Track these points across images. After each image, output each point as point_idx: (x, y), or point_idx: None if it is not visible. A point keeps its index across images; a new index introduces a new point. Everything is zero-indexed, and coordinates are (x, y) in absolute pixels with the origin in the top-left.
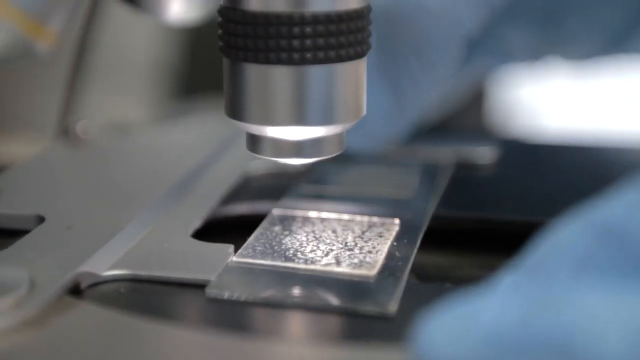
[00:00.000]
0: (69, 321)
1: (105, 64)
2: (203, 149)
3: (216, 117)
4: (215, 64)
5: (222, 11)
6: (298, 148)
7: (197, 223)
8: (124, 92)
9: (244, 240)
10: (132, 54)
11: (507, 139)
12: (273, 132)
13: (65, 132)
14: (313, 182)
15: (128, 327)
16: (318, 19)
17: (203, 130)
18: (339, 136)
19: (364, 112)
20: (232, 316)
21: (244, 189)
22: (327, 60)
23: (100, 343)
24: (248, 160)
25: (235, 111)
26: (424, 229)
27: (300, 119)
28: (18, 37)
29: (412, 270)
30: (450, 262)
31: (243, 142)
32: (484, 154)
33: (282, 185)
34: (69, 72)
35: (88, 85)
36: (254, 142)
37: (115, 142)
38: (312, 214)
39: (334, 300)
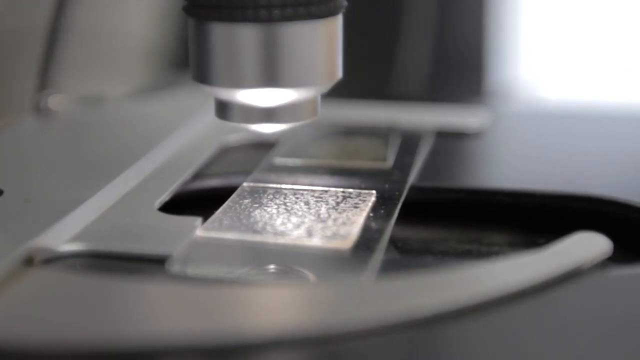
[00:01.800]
0: (20, 289)
1: (91, 42)
2: (179, 121)
3: (196, 89)
4: None
5: None
6: (269, 113)
7: (166, 196)
8: (113, 70)
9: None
10: (122, 32)
11: (494, 108)
12: (242, 96)
13: (36, 106)
14: (287, 154)
15: (84, 287)
16: None
17: (180, 102)
18: (313, 100)
19: (340, 74)
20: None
21: (220, 161)
22: (297, 17)
23: (59, 305)
24: (225, 133)
25: (202, 75)
26: (402, 199)
27: (270, 81)
28: None
29: (395, 244)
30: (434, 236)
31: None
32: (469, 123)
33: (259, 158)
34: (43, 52)
35: (70, 65)
36: (223, 109)
37: (88, 116)
38: (285, 186)
39: (305, 275)
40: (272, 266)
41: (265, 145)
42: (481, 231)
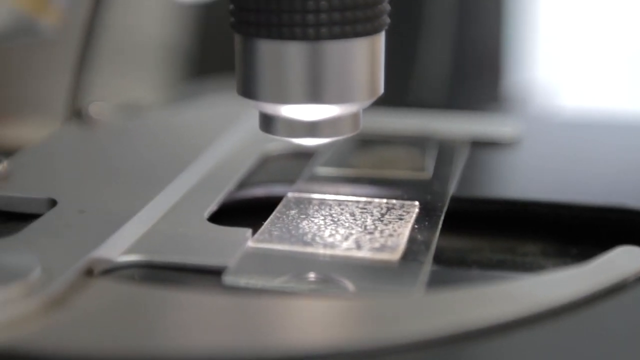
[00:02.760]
0: (85, 301)
1: (114, 45)
2: (218, 130)
3: (230, 97)
4: (227, 45)
5: None
6: (313, 127)
7: (213, 206)
8: (134, 73)
9: (262, 223)
10: (143, 35)
11: (526, 117)
12: (287, 111)
13: (77, 114)
14: (328, 163)
15: (147, 299)
16: None
17: (217, 111)
18: (355, 115)
19: (382, 90)
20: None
21: (262, 170)
22: (343, 36)
23: (120, 316)
24: (265, 142)
25: (248, 90)
26: (445, 210)
27: (315, 97)
28: (21, 14)
29: (468, 255)
30: (469, 246)
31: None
32: (503, 133)
33: (300, 167)
34: (78, 55)
35: (97, 67)
36: (267, 122)
37: (128, 124)
38: (329, 196)
39: (357, 286)
40: (312, 275)
41: (305, 154)
42: (514, 241)
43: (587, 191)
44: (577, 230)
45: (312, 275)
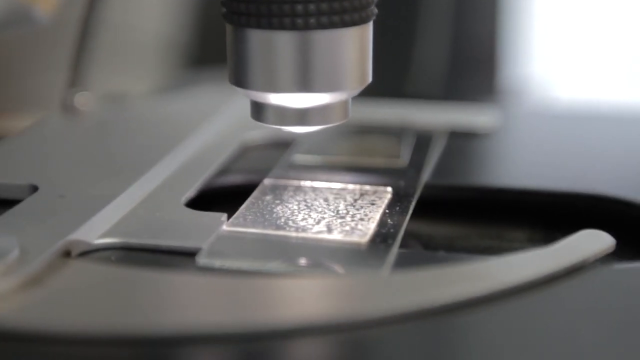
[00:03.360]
0: (61, 280)
1: (112, 39)
2: (201, 119)
3: (217, 88)
4: (224, 38)
5: None
6: (302, 115)
7: (191, 193)
8: (131, 67)
9: (238, 209)
10: (140, 29)
11: (504, 108)
12: (277, 99)
13: (62, 103)
14: (305, 152)
15: (120, 279)
16: None
17: (201, 101)
18: (344, 103)
19: (370, 79)
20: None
21: (241, 159)
22: (331, 26)
23: (95, 295)
24: (245, 131)
25: (239, 79)
26: (417, 196)
27: (304, 86)
28: (14, 3)
29: (420, 241)
30: (458, 233)
31: (241, 113)
32: (481, 123)
33: (279, 156)
34: (74, 49)
35: (94, 62)
36: (258, 110)
37: (113, 114)
38: (304, 183)
39: (326, 267)
40: (302, 260)
41: (284, 143)
42: (501, 228)
43: (560, 178)
44: (558, 217)
45: (283, 257)
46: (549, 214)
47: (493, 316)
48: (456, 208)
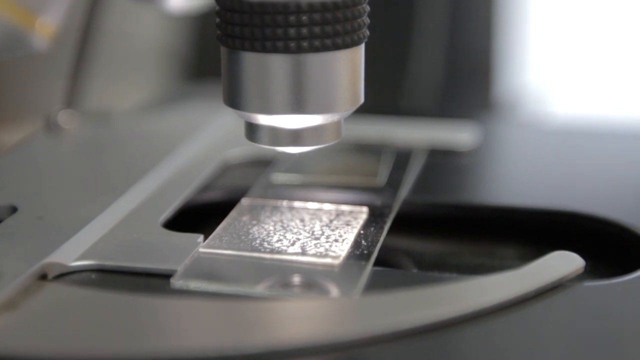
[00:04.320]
0: (37, 303)
1: (110, 49)
2: (182, 137)
3: (202, 104)
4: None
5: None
6: (296, 136)
7: (168, 213)
8: (129, 77)
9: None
10: (139, 41)
11: (486, 124)
12: (271, 120)
13: (46, 121)
14: (285, 170)
15: (96, 302)
16: (314, 7)
17: (186, 118)
18: (337, 124)
19: (362, 100)
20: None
21: (221, 177)
22: (324, 49)
23: (70, 318)
24: (226, 149)
25: (233, 100)
26: (392, 216)
27: (298, 108)
28: (11, 29)
29: (412, 258)
30: (449, 250)
31: (223, 130)
32: (460, 140)
33: (258, 174)
34: (73, 60)
35: (92, 72)
36: (252, 131)
37: (96, 131)
38: (281, 203)
39: (298, 289)
40: (276, 282)
41: (264, 161)
42: (491, 245)
43: (536, 196)
44: (539, 234)
45: (258, 279)
46: (527, 231)
47: (462, 338)
48: (437, 225)
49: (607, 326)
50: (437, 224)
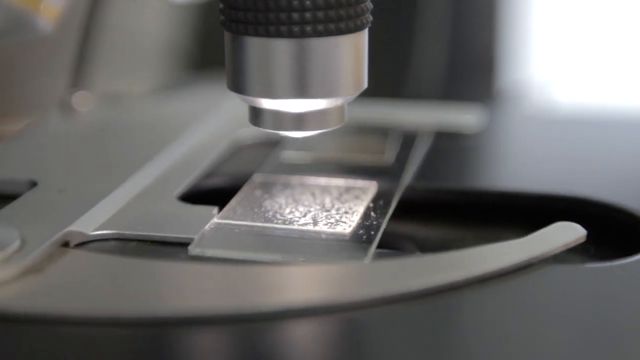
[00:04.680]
0: (60, 268)
1: (113, 42)
2: (196, 118)
3: (212, 87)
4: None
5: None
6: (299, 121)
7: (184, 188)
8: (132, 70)
9: None
10: (141, 32)
11: (491, 109)
12: (274, 104)
13: (61, 103)
14: (294, 149)
15: (116, 267)
16: None
17: (197, 100)
18: (340, 108)
19: (366, 84)
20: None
21: (233, 156)
22: (327, 33)
23: (91, 282)
24: (238, 129)
25: (237, 84)
26: (400, 191)
27: (301, 92)
28: (15, 11)
29: (415, 243)
30: (453, 235)
31: (234, 112)
32: (466, 123)
33: (269, 153)
34: (76, 53)
35: (95, 64)
36: (256, 115)
37: (109, 113)
38: (292, 179)
39: (312, 256)
40: (288, 250)
41: (275, 141)
42: (494, 230)
43: (541, 180)
44: (544, 218)
45: (271, 248)
46: (531, 216)
47: (464, 302)
48: (441, 210)
49: (605, 307)
50: (440, 208)
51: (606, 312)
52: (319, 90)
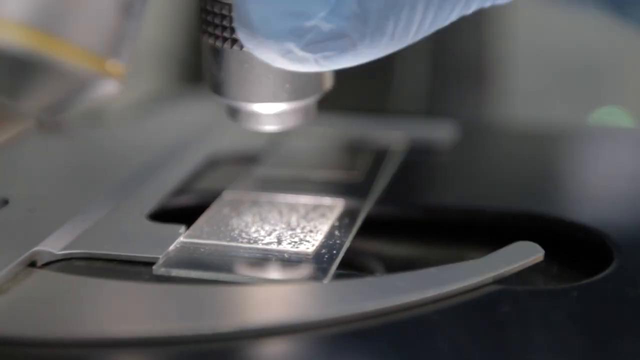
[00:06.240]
0: (26, 289)
1: None
2: (170, 135)
3: (191, 103)
4: None
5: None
6: (272, 118)
7: (153, 206)
8: (130, 79)
9: None
10: (140, 40)
11: (468, 124)
12: (252, 107)
13: (38, 120)
14: (266, 166)
15: (81, 287)
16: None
17: (173, 117)
18: (308, 107)
19: (330, 85)
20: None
21: (206, 173)
22: None
23: (56, 302)
24: (214, 147)
25: (216, 88)
26: (367, 209)
27: (273, 96)
28: (82, 75)
29: (382, 261)
30: (418, 254)
31: (210, 128)
32: (440, 139)
33: (242, 170)
34: None
35: None
36: (234, 113)
37: (86, 130)
38: (261, 196)
39: (273, 275)
40: (252, 269)
41: (248, 158)
42: (461, 249)
43: (504, 198)
44: (508, 236)
45: (234, 267)
46: (497, 234)
47: (421, 321)
48: (406, 228)
49: (553, 331)
50: (407, 226)
51: (551, 336)
52: (288, 93)
